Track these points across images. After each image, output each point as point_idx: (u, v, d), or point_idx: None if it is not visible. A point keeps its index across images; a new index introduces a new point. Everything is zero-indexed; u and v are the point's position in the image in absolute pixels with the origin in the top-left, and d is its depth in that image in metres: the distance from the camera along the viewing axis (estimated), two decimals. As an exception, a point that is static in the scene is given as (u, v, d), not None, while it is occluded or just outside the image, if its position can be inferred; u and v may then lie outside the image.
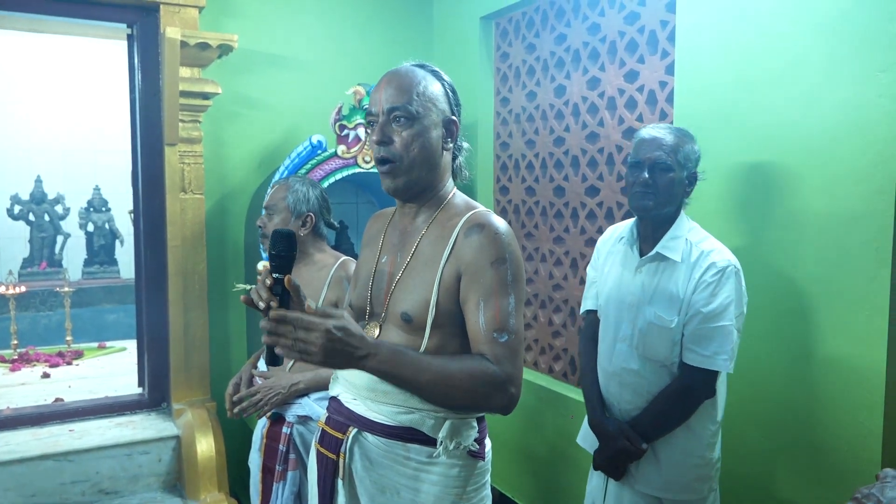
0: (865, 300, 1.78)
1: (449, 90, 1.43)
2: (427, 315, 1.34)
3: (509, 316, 1.29)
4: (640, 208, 1.83)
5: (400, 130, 1.35)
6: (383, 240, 1.51)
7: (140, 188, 3.09)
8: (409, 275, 1.39)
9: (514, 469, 3.11)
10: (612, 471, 1.88)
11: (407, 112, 1.34)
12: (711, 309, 1.73)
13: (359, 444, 1.40)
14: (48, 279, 6.44)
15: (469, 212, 1.39)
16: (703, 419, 1.81)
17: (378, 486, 1.38)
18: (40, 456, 2.70)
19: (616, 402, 1.92)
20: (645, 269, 1.87)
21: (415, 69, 1.40)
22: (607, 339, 1.95)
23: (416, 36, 3.60)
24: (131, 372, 3.55)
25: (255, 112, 3.27)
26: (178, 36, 2.75)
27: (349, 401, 1.44)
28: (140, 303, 3.21)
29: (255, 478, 2.20)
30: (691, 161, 1.82)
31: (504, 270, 1.30)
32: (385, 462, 1.38)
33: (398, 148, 1.35)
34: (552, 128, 2.91)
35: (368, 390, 1.38)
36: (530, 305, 3.10)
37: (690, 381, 1.77)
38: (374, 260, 1.49)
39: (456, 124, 1.43)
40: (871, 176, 1.75)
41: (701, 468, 1.82)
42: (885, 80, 1.71)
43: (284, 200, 2.18)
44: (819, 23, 1.86)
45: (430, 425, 1.35)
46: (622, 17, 2.52)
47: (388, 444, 1.37)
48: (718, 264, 1.75)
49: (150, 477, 2.89)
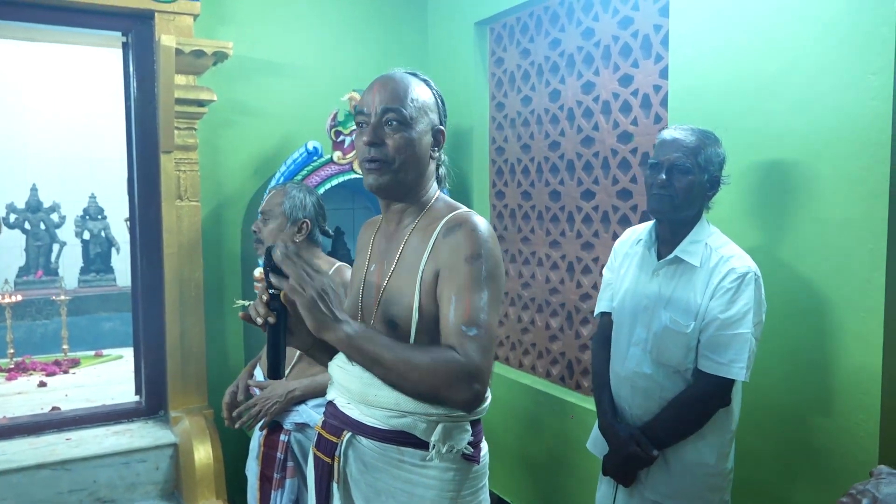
0: (860, 302, 1.79)
1: (438, 100, 1.44)
2: (411, 320, 1.34)
3: (480, 311, 1.27)
4: (656, 210, 1.80)
5: (392, 133, 1.35)
6: (372, 248, 1.52)
7: (136, 196, 3.09)
8: (394, 282, 1.40)
9: (512, 473, 3.11)
10: (621, 477, 1.85)
11: (401, 116, 1.35)
12: (729, 316, 1.69)
13: (353, 447, 1.41)
14: (44, 287, 6.43)
15: (450, 213, 1.40)
16: (716, 428, 1.77)
17: (373, 489, 1.39)
18: (37, 465, 2.69)
19: (627, 406, 1.89)
20: (662, 272, 1.83)
21: (408, 76, 1.41)
22: (621, 342, 1.92)
23: (411, 42, 3.61)
24: (128, 380, 3.55)
25: (250, 119, 3.27)
26: (173, 44, 2.76)
27: (343, 405, 1.45)
28: (137, 310, 3.20)
29: (252, 486, 2.20)
30: (713, 164, 1.77)
31: (479, 266, 1.29)
32: (379, 465, 1.38)
33: (389, 150, 1.35)
34: (547, 132, 2.91)
35: (361, 395, 1.39)
36: (527, 310, 3.10)
37: (705, 388, 1.73)
38: (363, 269, 1.51)
39: (443, 134, 1.44)
40: (864, 179, 1.76)
41: (712, 477, 1.78)
42: (876, 82, 1.72)
43: (281, 206, 2.18)
44: (812, 27, 1.87)
45: (423, 429, 1.35)
46: (616, 21, 2.53)
47: (382, 448, 1.37)
48: (738, 270, 1.70)
49: (147, 485, 2.88)
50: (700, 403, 1.74)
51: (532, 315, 3.07)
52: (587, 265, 2.75)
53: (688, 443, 1.78)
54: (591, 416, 2.64)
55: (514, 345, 3.20)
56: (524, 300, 3.12)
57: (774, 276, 1.96)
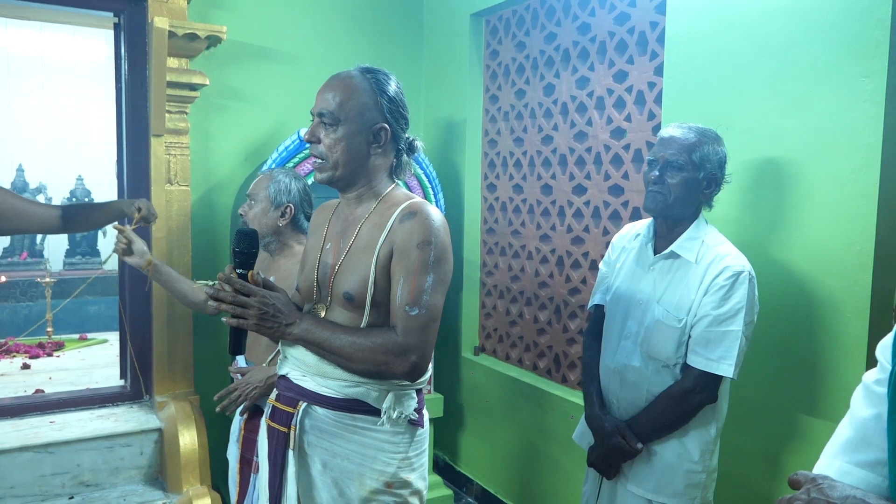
0: (847, 303, 1.81)
1: (387, 99, 1.52)
2: (366, 293, 1.47)
3: (423, 293, 1.42)
4: (649, 208, 1.82)
5: (328, 133, 1.49)
6: (327, 229, 1.63)
7: (125, 179, 3.06)
8: (350, 259, 1.52)
9: (497, 465, 3.13)
10: (604, 469, 1.87)
11: (332, 118, 1.48)
12: (721, 312, 1.71)
13: (309, 416, 1.52)
14: (29, 269, 6.35)
15: (407, 201, 1.52)
16: (701, 424, 1.79)
17: (329, 452, 1.51)
18: (20, 448, 2.66)
19: (615, 399, 1.90)
20: (658, 266, 1.85)
21: (353, 76, 1.52)
22: (612, 335, 1.93)
23: (406, 31, 3.59)
24: (113, 364, 3.52)
25: (242, 104, 3.25)
26: (166, 26, 2.73)
27: (298, 378, 1.55)
28: (123, 294, 3.18)
29: (233, 469, 2.21)
30: (710, 162, 1.76)
31: (428, 252, 1.44)
32: (335, 431, 1.50)
33: (324, 148, 1.50)
34: (540, 126, 2.92)
35: (317, 367, 1.50)
36: (516, 303, 3.11)
37: (692, 384, 1.74)
38: (318, 247, 1.61)
39: (386, 130, 1.52)
40: (854, 180, 1.78)
41: (694, 475, 1.79)
42: (869, 85, 1.74)
43: (266, 190, 2.19)
44: (806, 29, 1.88)
45: (374, 397, 1.49)
46: (612, 17, 2.54)
47: (337, 416, 1.50)
48: (733, 268, 1.71)
49: (131, 469, 2.87)
50: (687, 398, 1.75)
51: (520, 308, 3.08)
52: (577, 259, 2.76)
53: (672, 438, 1.80)
54: (577, 410, 2.66)
55: (502, 337, 3.21)
56: (513, 293, 3.13)
57: (762, 274, 1.97)
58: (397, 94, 1.54)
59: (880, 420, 0.92)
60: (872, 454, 0.92)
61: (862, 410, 0.95)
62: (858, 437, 0.94)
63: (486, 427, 3.15)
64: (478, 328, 3.39)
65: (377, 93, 1.51)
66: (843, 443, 0.95)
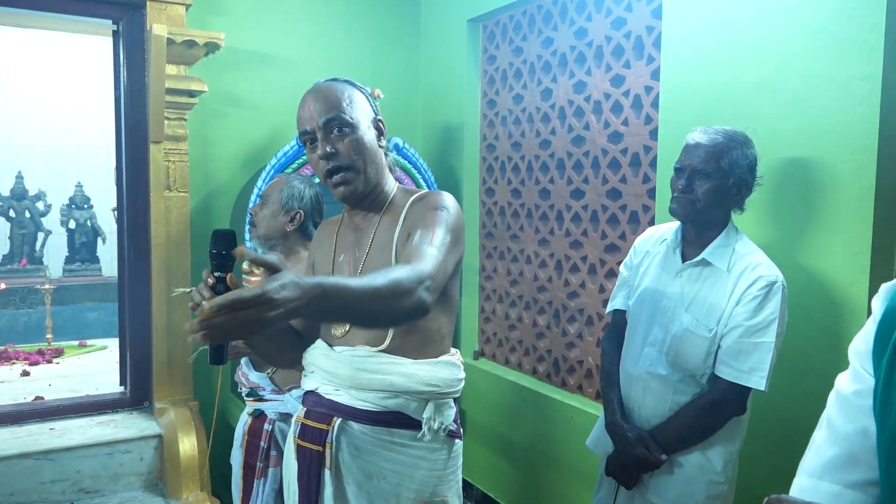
0: (844, 306, 1.81)
1: (364, 93, 1.51)
2: None
3: (442, 243, 1.34)
4: (677, 213, 1.77)
5: (342, 139, 1.41)
6: (336, 241, 1.58)
7: (124, 185, 3.07)
8: (370, 263, 1.46)
9: (496, 470, 3.13)
10: (625, 479, 1.82)
11: (343, 121, 1.41)
12: (754, 323, 1.65)
13: (345, 433, 1.44)
14: (28, 276, 6.37)
15: (415, 194, 1.50)
16: (726, 436, 1.74)
17: (365, 472, 1.43)
18: (19, 454, 2.67)
19: (637, 407, 1.85)
20: (686, 273, 1.79)
21: (333, 82, 1.48)
22: (635, 341, 1.87)
23: (404, 36, 3.60)
24: (112, 371, 3.53)
25: (241, 111, 3.25)
26: (164, 33, 2.74)
27: (330, 392, 1.48)
28: (123, 301, 3.18)
29: (236, 475, 2.20)
30: (739, 167, 1.70)
31: (444, 215, 1.39)
32: (371, 448, 1.43)
33: (345, 155, 1.41)
34: (538, 130, 2.92)
35: (352, 379, 1.43)
36: (515, 307, 3.12)
37: (722, 395, 1.69)
38: (329, 261, 1.56)
39: (382, 122, 1.51)
40: (850, 183, 1.78)
41: (716, 485, 1.74)
42: (864, 88, 1.74)
43: (279, 193, 2.20)
44: (802, 32, 1.89)
45: (414, 407, 1.43)
46: (609, 22, 2.55)
47: (374, 431, 1.43)
48: (767, 278, 1.66)
49: (131, 476, 2.87)
50: (716, 410, 1.71)
51: (519, 312, 3.08)
52: (575, 263, 2.76)
53: (696, 448, 1.75)
54: (577, 412, 2.66)
55: (501, 342, 3.21)
56: (512, 297, 3.13)
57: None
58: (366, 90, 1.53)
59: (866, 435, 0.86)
60: (862, 474, 0.86)
61: (843, 425, 0.89)
62: (845, 456, 0.88)
63: (486, 432, 3.15)
64: (477, 333, 3.40)
65: (355, 87, 1.49)
66: (828, 461, 0.90)
